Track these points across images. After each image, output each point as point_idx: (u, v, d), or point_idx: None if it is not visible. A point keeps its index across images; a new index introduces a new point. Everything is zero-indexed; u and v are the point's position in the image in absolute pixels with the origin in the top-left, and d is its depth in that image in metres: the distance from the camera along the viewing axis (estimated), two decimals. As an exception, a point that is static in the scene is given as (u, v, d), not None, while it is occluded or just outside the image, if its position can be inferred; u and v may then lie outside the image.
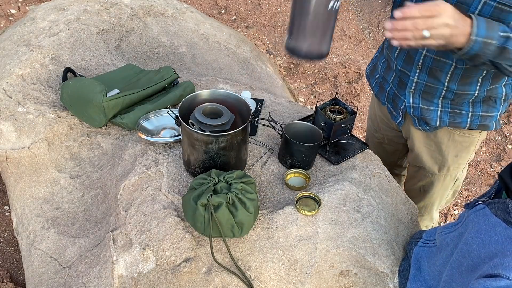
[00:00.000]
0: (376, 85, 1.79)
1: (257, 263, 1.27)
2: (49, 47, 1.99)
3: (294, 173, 1.52)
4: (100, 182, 1.64)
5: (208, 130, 1.35)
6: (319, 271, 1.26)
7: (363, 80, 3.61)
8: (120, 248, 1.36)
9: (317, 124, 1.59)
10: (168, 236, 1.33)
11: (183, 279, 1.26)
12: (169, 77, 1.83)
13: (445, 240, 1.11)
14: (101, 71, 2.00)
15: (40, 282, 1.51)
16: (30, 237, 1.61)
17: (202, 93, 1.49)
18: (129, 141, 1.69)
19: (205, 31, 2.40)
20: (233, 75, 2.22)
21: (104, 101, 1.65)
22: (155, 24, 2.30)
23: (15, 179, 1.75)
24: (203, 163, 1.42)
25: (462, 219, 1.03)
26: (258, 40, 3.90)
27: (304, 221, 1.33)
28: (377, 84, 1.79)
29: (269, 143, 1.66)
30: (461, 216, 1.04)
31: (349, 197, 1.42)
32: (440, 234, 1.20)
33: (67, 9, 2.21)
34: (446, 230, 1.15)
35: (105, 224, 1.51)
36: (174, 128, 1.66)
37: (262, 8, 4.26)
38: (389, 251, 1.35)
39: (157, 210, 1.39)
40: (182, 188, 1.47)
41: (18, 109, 1.79)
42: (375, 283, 1.29)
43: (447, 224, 1.16)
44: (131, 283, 1.30)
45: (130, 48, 2.18)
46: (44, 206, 1.65)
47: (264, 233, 1.32)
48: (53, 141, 1.75)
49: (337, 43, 3.99)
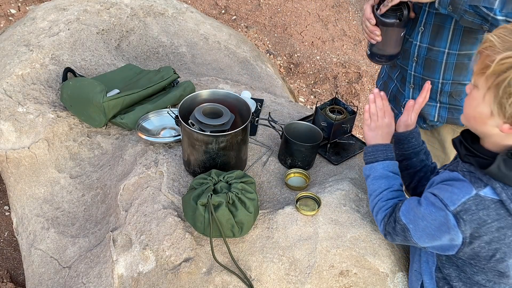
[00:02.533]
0: (381, 86, 1.83)
1: (257, 263, 1.27)
2: (49, 47, 1.99)
3: (294, 173, 1.52)
4: (100, 182, 1.64)
5: (208, 130, 1.35)
6: (319, 271, 1.26)
7: (363, 80, 3.61)
8: (120, 248, 1.36)
9: (317, 124, 1.59)
10: (168, 236, 1.33)
11: (183, 279, 1.26)
12: (169, 77, 1.83)
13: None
14: (101, 71, 2.00)
15: (40, 282, 1.51)
16: (30, 237, 1.61)
17: (202, 93, 1.49)
18: (129, 141, 1.69)
19: (205, 31, 2.40)
20: (233, 75, 2.22)
21: (104, 101, 1.64)
22: (155, 24, 2.30)
23: (15, 179, 1.75)
24: (203, 163, 1.42)
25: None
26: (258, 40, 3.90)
27: (304, 221, 1.33)
28: (382, 84, 1.81)
29: (269, 143, 1.66)
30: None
31: (349, 197, 1.42)
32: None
33: (67, 9, 2.21)
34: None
35: (105, 224, 1.51)
36: (174, 128, 1.66)
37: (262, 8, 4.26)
38: (389, 251, 1.35)
39: (157, 210, 1.39)
40: (182, 188, 1.47)
41: (18, 109, 1.79)
42: (375, 283, 1.29)
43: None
44: (131, 283, 1.30)
45: (130, 48, 2.18)
46: (44, 206, 1.65)
47: (264, 233, 1.32)
48: (53, 141, 1.75)
49: (337, 43, 3.99)
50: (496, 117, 0.98)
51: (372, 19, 1.46)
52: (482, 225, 1.02)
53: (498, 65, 0.93)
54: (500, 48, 0.93)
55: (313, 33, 4.07)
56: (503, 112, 0.95)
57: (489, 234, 1.03)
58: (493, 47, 0.95)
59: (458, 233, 1.04)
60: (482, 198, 1.02)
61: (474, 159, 1.04)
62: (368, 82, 3.59)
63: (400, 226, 1.16)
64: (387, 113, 1.33)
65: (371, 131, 1.33)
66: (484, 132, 1.04)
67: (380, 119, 1.32)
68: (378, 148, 1.30)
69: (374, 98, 1.33)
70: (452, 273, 1.18)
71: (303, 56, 3.82)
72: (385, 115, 1.32)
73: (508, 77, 0.92)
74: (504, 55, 0.92)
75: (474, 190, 1.02)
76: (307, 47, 3.92)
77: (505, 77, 0.92)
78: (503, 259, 1.07)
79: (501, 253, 1.06)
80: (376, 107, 1.33)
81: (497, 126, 0.98)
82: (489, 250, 1.06)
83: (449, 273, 1.18)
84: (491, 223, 1.02)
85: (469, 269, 1.13)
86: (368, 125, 1.33)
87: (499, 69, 0.93)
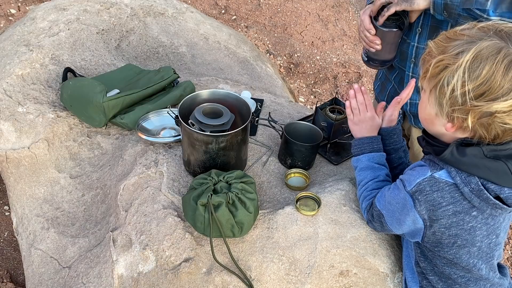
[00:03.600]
0: (378, 87, 1.83)
1: (257, 263, 1.27)
2: (49, 47, 1.99)
3: (294, 173, 1.52)
4: (100, 182, 1.64)
5: (208, 130, 1.35)
6: (319, 271, 1.26)
7: (363, 80, 3.61)
8: (120, 248, 1.36)
9: (317, 124, 1.59)
10: (168, 236, 1.33)
11: (183, 279, 1.26)
12: (169, 77, 1.83)
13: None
14: (101, 71, 2.00)
15: (40, 282, 1.51)
16: (30, 237, 1.61)
17: (202, 93, 1.49)
18: (129, 141, 1.69)
19: (205, 31, 2.40)
20: (233, 75, 2.22)
21: (104, 101, 1.64)
22: (155, 24, 2.30)
23: (15, 179, 1.75)
24: (203, 163, 1.42)
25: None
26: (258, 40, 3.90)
27: (304, 221, 1.33)
28: (379, 85, 1.81)
29: (269, 143, 1.66)
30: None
31: (349, 197, 1.42)
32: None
33: (67, 9, 2.21)
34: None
35: (105, 224, 1.51)
36: (174, 128, 1.66)
37: (262, 8, 4.26)
38: (389, 251, 1.35)
39: (157, 210, 1.39)
40: (182, 188, 1.47)
41: (18, 109, 1.79)
42: (375, 283, 1.29)
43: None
44: (131, 283, 1.30)
45: (130, 48, 2.18)
46: (44, 206, 1.65)
47: (264, 233, 1.32)
48: (53, 141, 1.75)
49: (337, 43, 3.99)
50: (440, 117, 1.04)
51: (372, 30, 1.47)
52: (437, 207, 1.07)
53: (434, 68, 1.00)
54: (435, 53, 1.01)
55: (313, 33, 4.07)
56: (443, 111, 1.02)
57: (446, 218, 1.07)
58: (431, 52, 1.03)
59: (416, 214, 1.09)
60: (436, 180, 1.06)
61: (432, 148, 1.11)
62: (368, 82, 3.59)
63: (376, 212, 1.24)
64: (369, 107, 1.37)
65: (355, 125, 1.38)
66: (436, 132, 1.11)
67: (362, 113, 1.37)
68: (364, 141, 1.35)
69: (354, 94, 1.38)
70: (427, 267, 1.21)
71: (303, 56, 3.82)
72: (367, 109, 1.37)
73: (442, 78, 0.99)
74: (438, 59, 1.00)
75: (430, 172, 1.08)
76: (307, 47, 3.92)
77: (440, 78, 0.99)
78: (464, 246, 1.11)
79: (462, 239, 1.10)
80: (357, 102, 1.38)
81: (443, 126, 1.05)
82: (450, 237, 1.10)
83: (424, 266, 1.22)
84: (446, 206, 1.06)
85: (439, 261, 1.17)
86: (352, 120, 1.39)
87: (434, 71, 1.01)
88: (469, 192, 1.03)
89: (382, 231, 1.30)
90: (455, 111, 0.99)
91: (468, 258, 1.13)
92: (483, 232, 1.09)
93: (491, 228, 1.10)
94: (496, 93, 0.93)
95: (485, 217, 1.07)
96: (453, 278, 1.18)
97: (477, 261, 1.14)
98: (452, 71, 0.97)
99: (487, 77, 0.93)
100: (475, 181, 1.03)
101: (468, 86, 0.95)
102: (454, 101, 0.98)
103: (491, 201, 1.03)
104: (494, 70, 0.93)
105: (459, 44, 0.98)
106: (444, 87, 0.98)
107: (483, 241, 1.11)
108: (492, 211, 1.06)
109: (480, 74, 0.93)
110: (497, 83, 0.93)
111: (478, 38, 0.97)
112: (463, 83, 0.95)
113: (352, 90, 1.39)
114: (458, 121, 1.01)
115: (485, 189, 1.02)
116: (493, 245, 1.14)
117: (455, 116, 1.00)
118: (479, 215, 1.07)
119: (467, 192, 1.04)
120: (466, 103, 0.96)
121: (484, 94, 0.94)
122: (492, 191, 1.03)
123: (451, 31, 1.04)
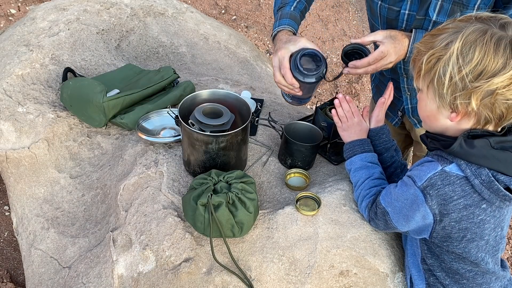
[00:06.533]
0: (374, 88, 1.82)
1: (257, 263, 1.27)
2: (49, 47, 1.99)
3: (294, 173, 1.52)
4: (100, 182, 1.64)
5: (208, 130, 1.35)
6: (319, 271, 1.26)
7: (363, 80, 3.61)
8: (120, 248, 1.36)
9: (317, 124, 1.59)
10: (168, 236, 1.33)
11: (183, 279, 1.26)
12: (169, 77, 1.83)
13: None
14: (101, 71, 2.00)
15: (40, 282, 1.51)
16: (30, 237, 1.61)
17: (202, 93, 1.49)
18: (129, 141, 1.69)
19: (205, 31, 2.40)
20: (233, 75, 2.22)
21: (104, 101, 1.64)
22: (155, 24, 2.30)
23: (15, 179, 1.75)
24: (203, 163, 1.42)
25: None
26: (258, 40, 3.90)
27: (304, 221, 1.33)
28: (374, 87, 1.81)
29: (269, 143, 1.66)
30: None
31: (349, 197, 1.42)
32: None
33: (67, 9, 2.21)
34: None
35: (105, 224, 1.51)
36: (174, 128, 1.66)
37: (262, 8, 4.27)
38: (389, 251, 1.35)
39: (157, 210, 1.39)
40: (182, 188, 1.47)
41: (18, 109, 1.79)
42: (375, 283, 1.29)
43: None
44: (131, 283, 1.30)
45: (130, 48, 2.18)
46: (44, 206, 1.65)
47: (264, 233, 1.32)
48: (53, 141, 1.75)
49: (337, 43, 3.99)
50: (443, 109, 1.07)
51: (295, 83, 1.38)
52: (448, 201, 1.07)
53: (426, 64, 1.04)
54: (424, 50, 1.06)
55: (313, 33, 4.07)
56: (445, 102, 1.04)
57: (457, 211, 1.08)
58: (420, 52, 1.07)
59: (427, 209, 1.10)
60: (447, 173, 1.07)
61: (439, 143, 1.12)
62: (368, 82, 3.59)
63: (380, 210, 1.24)
64: (355, 113, 1.43)
65: (344, 131, 1.43)
66: (440, 127, 1.12)
67: (349, 119, 1.42)
68: (355, 143, 1.40)
69: (339, 103, 1.43)
70: (434, 263, 1.22)
71: (303, 56, 3.81)
72: (354, 115, 1.43)
73: (437, 70, 1.02)
74: (428, 54, 1.04)
75: (440, 166, 1.09)
76: (307, 47, 3.92)
77: (435, 71, 1.03)
78: (473, 239, 1.11)
79: (472, 233, 1.10)
80: (343, 110, 1.43)
81: (447, 117, 1.07)
82: (460, 230, 1.10)
83: (431, 263, 1.22)
84: (458, 199, 1.07)
85: (447, 257, 1.17)
86: (341, 127, 1.44)
87: (428, 67, 1.04)
88: (480, 184, 1.05)
89: (385, 229, 1.30)
90: (457, 98, 1.01)
91: (477, 252, 1.14)
92: (491, 225, 1.11)
93: (497, 221, 1.11)
94: (493, 70, 0.97)
95: (493, 209, 1.08)
96: (461, 273, 1.18)
97: (484, 254, 1.15)
98: (446, 60, 1.00)
99: (480, 57, 0.97)
100: (485, 172, 1.04)
101: (465, 70, 0.98)
102: (455, 87, 1.01)
103: (501, 192, 1.04)
104: (485, 50, 0.97)
105: (445, 36, 1.02)
106: (441, 77, 1.01)
107: (491, 234, 1.12)
108: (501, 203, 1.07)
109: (473, 57, 0.97)
110: (491, 61, 0.96)
111: (462, 27, 1.01)
112: (459, 68, 0.98)
113: (336, 99, 1.43)
114: (462, 107, 1.03)
115: (495, 180, 1.04)
116: (499, 238, 1.15)
117: (458, 103, 1.02)
118: (488, 208, 1.08)
119: (478, 184, 1.05)
120: (466, 86, 0.99)
121: (481, 73, 0.98)
122: (502, 182, 1.05)
123: (434, 29, 1.08)
